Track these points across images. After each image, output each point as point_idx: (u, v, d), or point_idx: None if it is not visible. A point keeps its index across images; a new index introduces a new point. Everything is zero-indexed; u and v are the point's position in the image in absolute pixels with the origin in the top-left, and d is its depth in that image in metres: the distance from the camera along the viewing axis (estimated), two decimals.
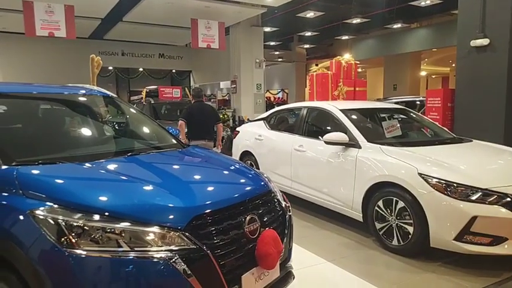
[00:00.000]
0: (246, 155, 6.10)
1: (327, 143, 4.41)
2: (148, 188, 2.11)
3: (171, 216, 1.89)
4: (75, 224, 1.76)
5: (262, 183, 2.56)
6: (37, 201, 1.88)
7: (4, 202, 1.96)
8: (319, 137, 4.71)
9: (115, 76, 17.68)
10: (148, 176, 2.35)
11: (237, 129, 6.75)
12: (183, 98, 12.20)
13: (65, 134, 3.01)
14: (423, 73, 20.47)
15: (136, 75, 17.73)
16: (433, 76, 24.06)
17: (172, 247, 1.81)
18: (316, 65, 6.28)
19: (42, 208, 1.83)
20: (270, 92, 22.64)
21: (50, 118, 3.11)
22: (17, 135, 2.65)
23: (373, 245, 3.97)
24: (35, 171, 2.12)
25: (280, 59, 20.44)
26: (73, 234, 1.74)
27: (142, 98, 11.91)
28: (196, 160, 2.92)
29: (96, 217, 1.80)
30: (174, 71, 18.57)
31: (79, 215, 1.80)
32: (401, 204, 3.65)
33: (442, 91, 7.25)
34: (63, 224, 1.76)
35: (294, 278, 2.58)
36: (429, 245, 3.44)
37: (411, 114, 5.30)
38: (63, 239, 1.72)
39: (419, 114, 5.51)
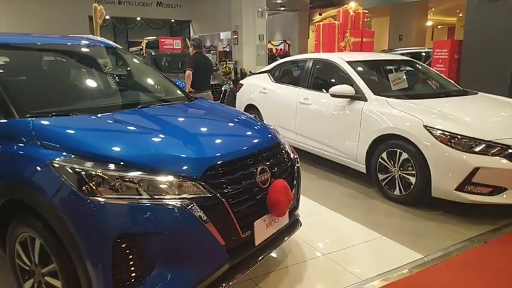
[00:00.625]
0: (250, 108, 6.10)
1: (332, 95, 4.41)
2: (164, 139, 2.15)
3: (187, 167, 1.95)
4: (94, 173, 1.82)
5: (272, 135, 2.61)
6: (55, 152, 1.93)
7: (22, 152, 2.02)
8: (325, 89, 4.70)
9: (112, 26, 17.20)
10: (162, 127, 2.39)
11: (241, 82, 6.69)
12: (184, 49, 11.95)
13: (72, 86, 3.01)
14: (429, 23, 19.86)
15: (134, 25, 17.26)
16: (439, 27, 23.38)
17: (189, 195, 1.88)
18: (320, 14, 6.09)
19: (61, 158, 1.88)
20: (271, 44, 22.09)
21: (57, 70, 3.08)
22: (27, 88, 2.64)
23: (375, 195, 4.10)
24: (50, 123, 2.15)
25: (282, 8, 19.72)
26: (93, 182, 1.80)
27: (142, 49, 11.65)
28: (206, 113, 2.95)
29: (115, 167, 1.86)
30: (173, 20, 18.04)
31: (98, 164, 1.85)
32: (404, 155, 3.72)
33: (450, 42, 7.11)
34: (84, 173, 1.82)
35: (301, 225, 2.70)
36: (430, 195, 3.56)
37: (418, 66, 5.25)
38: (84, 187, 1.79)
39: (426, 66, 5.44)
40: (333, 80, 4.83)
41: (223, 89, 8.22)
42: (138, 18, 17.07)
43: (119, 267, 1.78)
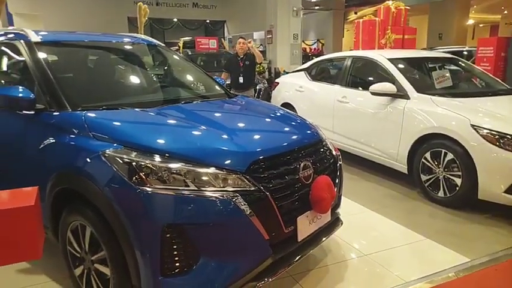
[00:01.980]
0: (286, 106, 6.06)
1: (373, 93, 4.31)
2: (208, 133, 2.19)
3: (232, 160, 1.97)
4: (144, 163, 1.87)
5: (314, 132, 2.59)
6: (106, 143, 2.00)
7: (74, 143, 2.11)
8: (364, 88, 4.61)
9: (149, 27, 17.64)
10: (207, 122, 2.42)
11: (277, 80, 6.68)
12: (219, 49, 12.08)
13: (118, 82, 3.10)
14: (470, 21, 19.05)
15: (170, 26, 17.65)
16: (481, 25, 22.38)
17: (234, 188, 1.90)
18: (356, 13, 5.96)
19: (112, 149, 1.95)
20: (305, 43, 21.92)
21: (104, 66, 3.19)
22: (77, 83, 2.76)
23: (418, 196, 3.98)
24: (101, 116, 2.24)
25: (317, 7, 19.52)
26: (143, 173, 1.85)
27: (178, 49, 11.88)
28: (248, 109, 2.96)
29: (162, 158, 1.90)
30: (208, 21, 18.28)
31: (146, 155, 1.90)
32: (450, 156, 3.58)
33: (496, 40, 6.79)
34: (134, 163, 1.87)
35: (342, 223, 2.66)
36: (477, 197, 3.41)
37: (462, 64, 5.05)
38: (134, 178, 1.84)
39: (471, 64, 5.22)
40: (373, 78, 4.72)
41: (257, 87, 8.24)
42: (175, 19, 17.44)
43: (167, 256, 1.81)
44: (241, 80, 6.05)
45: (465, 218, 3.45)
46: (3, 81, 3.00)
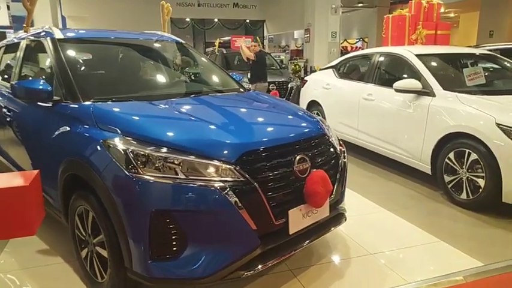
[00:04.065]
0: (313, 105, 6.02)
1: (397, 90, 4.18)
2: (204, 124, 2.24)
3: (223, 151, 2.01)
4: (140, 153, 1.96)
5: (317, 126, 2.56)
6: (109, 133, 2.12)
7: (82, 132, 2.25)
8: (391, 85, 4.46)
9: (192, 28, 18.13)
10: (205, 114, 2.48)
11: (305, 78, 6.63)
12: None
13: (137, 76, 3.24)
14: None
15: (211, 26, 18.00)
16: None
17: (223, 178, 1.94)
18: (402, 9, 5.74)
19: (113, 139, 2.06)
20: (347, 42, 21.48)
21: (124, 61, 3.34)
22: (93, 76, 2.93)
23: (440, 198, 3.81)
24: (107, 107, 2.37)
25: (360, 4, 19.03)
26: (138, 162, 1.94)
27: (215, 48, 12.12)
28: (253, 103, 2.98)
29: (157, 147, 1.97)
30: (247, 21, 18.45)
31: (144, 145, 1.99)
32: (474, 156, 3.40)
33: None
34: (130, 153, 1.96)
35: (345, 219, 2.61)
36: (501, 200, 3.21)
37: (502, 61, 4.74)
38: (130, 166, 1.93)
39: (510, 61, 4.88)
40: (400, 75, 4.57)
41: (289, 86, 8.23)
42: (216, 20, 17.77)
43: (155, 241, 1.89)
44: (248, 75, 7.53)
45: (487, 222, 3.26)
46: (32, 75, 3.25)
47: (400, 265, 2.62)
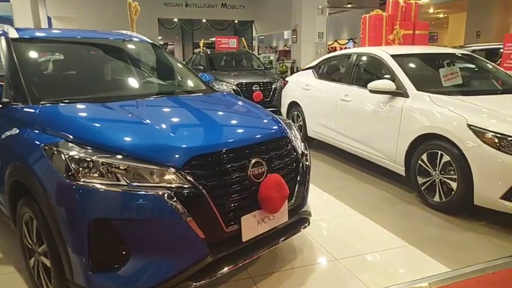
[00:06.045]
0: (294, 106, 5.95)
1: (371, 91, 4.11)
2: (153, 128, 2.13)
3: (170, 156, 1.91)
4: (80, 159, 1.85)
5: (277, 128, 2.47)
6: (52, 137, 2.01)
7: (27, 136, 2.14)
8: (366, 86, 4.40)
9: (180, 28, 17.99)
10: (158, 116, 2.38)
11: (287, 78, 6.56)
12: (240, 48, 12.08)
13: (96, 77, 3.10)
14: None
15: (199, 27, 17.88)
16: None
17: (169, 185, 1.84)
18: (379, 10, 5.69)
19: (54, 143, 1.95)
20: (337, 42, 21.44)
21: (84, 62, 3.21)
22: (48, 78, 2.82)
23: (414, 200, 3.74)
24: (53, 110, 2.26)
25: (349, 5, 19.03)
26: (79, 168, 1.83)
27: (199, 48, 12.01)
28: (214, 104, 2.87)
29: (100, 153, 1.87)
30: (236, 21, 18.36)
31: (85, 150, 1.88)
32: (446, 158, 3.34)
33: None
34: (69, 158, 1.85)
35: (309, 224, 2.53)
36: (473, 203, 3.15)
37: (479, 61, 4.70)
38: (69, 172, 1.82)
39: (489, 62, 4.84)
40: (376, 75, 4.50)
41: (273, 86, 8.14)
42: (204, 20, 17.65)
43: (95, 252, 1.79)
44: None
45: (459, 226, 3.19)
46: None
47: (364, 271, 2.54)
